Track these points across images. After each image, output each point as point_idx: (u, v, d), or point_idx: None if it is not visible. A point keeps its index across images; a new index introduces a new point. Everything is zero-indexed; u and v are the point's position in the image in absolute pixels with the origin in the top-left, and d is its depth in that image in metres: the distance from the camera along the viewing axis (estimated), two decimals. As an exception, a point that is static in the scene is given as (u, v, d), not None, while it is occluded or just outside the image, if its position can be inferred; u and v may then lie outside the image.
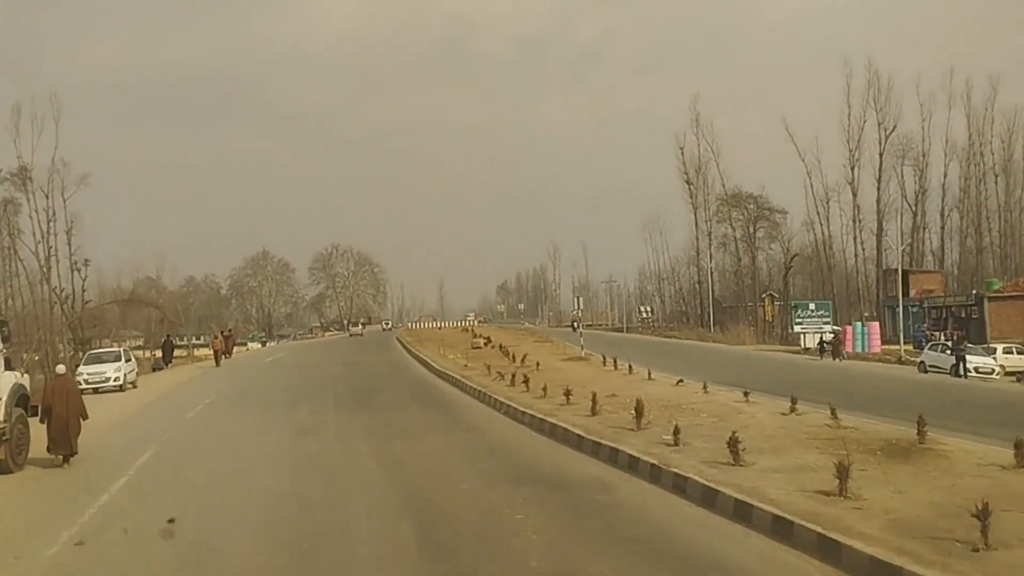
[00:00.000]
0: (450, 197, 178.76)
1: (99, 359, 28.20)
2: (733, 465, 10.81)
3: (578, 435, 14.43)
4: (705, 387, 19.86)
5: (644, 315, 69.42)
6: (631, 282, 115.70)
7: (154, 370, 35.94)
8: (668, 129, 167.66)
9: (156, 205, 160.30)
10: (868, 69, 75.41)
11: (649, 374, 23.55)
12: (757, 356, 41.23)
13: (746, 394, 17.99)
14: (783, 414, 15.75)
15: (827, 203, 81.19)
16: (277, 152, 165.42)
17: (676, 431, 12.75)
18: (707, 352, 44.86)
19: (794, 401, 16.12)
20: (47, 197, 61.44)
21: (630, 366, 25.53)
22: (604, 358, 29.29)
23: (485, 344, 42.23)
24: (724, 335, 70.30)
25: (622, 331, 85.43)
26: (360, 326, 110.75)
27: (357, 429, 16.70)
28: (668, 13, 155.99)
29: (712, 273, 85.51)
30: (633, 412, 14.83)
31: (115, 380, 26.76)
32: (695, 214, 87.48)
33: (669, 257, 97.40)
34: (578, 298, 36.65)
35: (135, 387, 27.90)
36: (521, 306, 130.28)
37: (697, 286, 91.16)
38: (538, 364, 27.98)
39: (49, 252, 61.71)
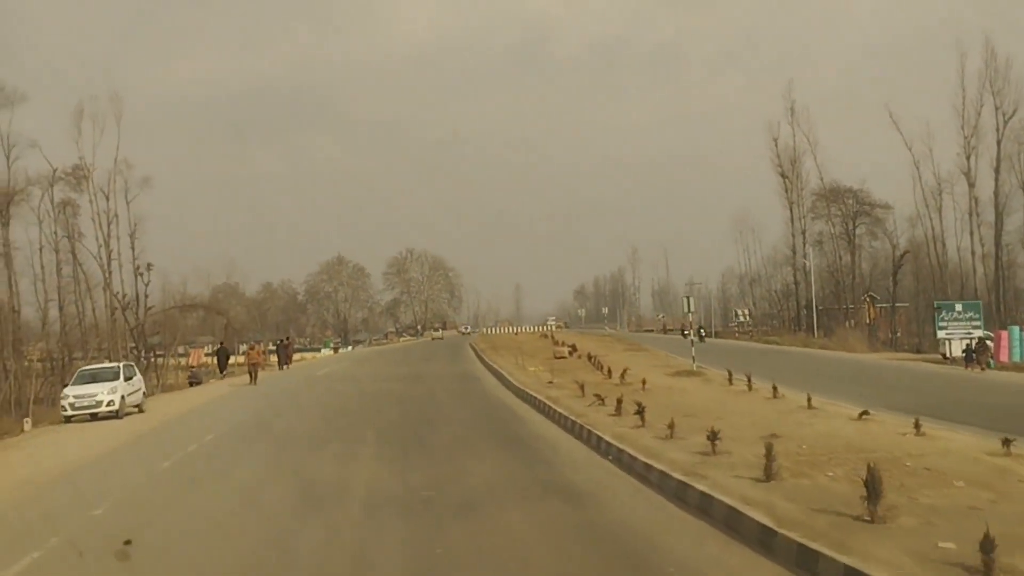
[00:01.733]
0: (525, 202, 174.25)
1: (92, 377, 22.24)
2: None
3: (771, 529, 8.00)
4: (917, 425, 12.99)
5: (741, 319, 62.21)
6: (713, 285, 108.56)
7: (190, 384, 30.76)
8: (751, 128, 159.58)
9: (235, 212, 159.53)
10: (985, 49, 66.36)
11: (809, 401, 16.70)
12: (897, 368, 33.60)
13: (1007, 443, 11.18)
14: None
15: (939, 195, 72.12)
16: (353, 159, 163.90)
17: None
18: (829, 363, 37.42)
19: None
20: (107, 199, 57.64)
21: (774, 388, 18.65)
22: (730, 375, 22.44)
23: (570, 353, 35.87)
24: (831, 341, 62.52)
25: (710, 336, 78.03)
26: (439, 330, 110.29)
27: (396, 494, 10.57)
28: (750, 9, 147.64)
29: (811, 273, 77.35)
30: (846, 479, 8.52)
31: (109, 404, 20.99)
32: (791, 209, 79.23)
33: (761, 256, 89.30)
34: (688, 298, 29.84)
35: (140, 411, 22.56)
36: (604, 310, 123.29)
37: (794, 287, 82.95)
38: (644, 383, 21.47)
39: (110, 256, 57.81)
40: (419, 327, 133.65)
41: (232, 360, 39.96)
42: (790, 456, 11.12)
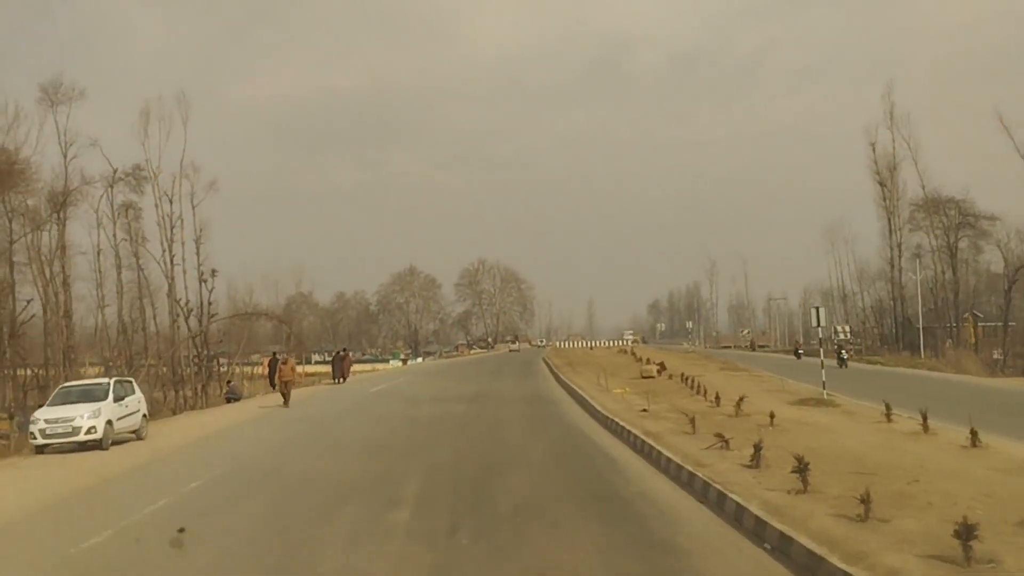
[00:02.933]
0: (600, 215, 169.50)
1: (74, 396, 17.45)
2: None
3: None
4: None
5: (842, 336, 56.01)
6: (794, 301, 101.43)
7: (227, 401, 26.74)
8: (836, 139, 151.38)
9: (310, 224, 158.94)
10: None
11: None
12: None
13: None
14: None
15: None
16: (430, 173, 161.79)
17: None
18: (968, 390, 31.04)
19: None
20: (171, 202, 54.80)
21: (973, 434, 13.05)
22: (888, 409, 16.75)
23: (659, 372, 30.61)
24: (940, 362, 55.54)
25: (801, 355, 71.23)
26: (516, 342, 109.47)
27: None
28: (832, 18, 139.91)
29: (917, 288, 70.18)
30: None
31: (89, 431, 16.24)
32: (889, 220, 72.12)
33: (853, 269, 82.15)
34: (817, 309, 24.08)
35: (139, 438, 18.12)
36: (689, 324, 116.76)
37: (890, 303, 75.55)
38: (772, 417, 16.17)
39: (173, 261, 54.91)
40: (490, 340, 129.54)
41: (300, 370, 36.12)
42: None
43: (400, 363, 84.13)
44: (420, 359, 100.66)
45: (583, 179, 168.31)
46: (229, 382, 30.43)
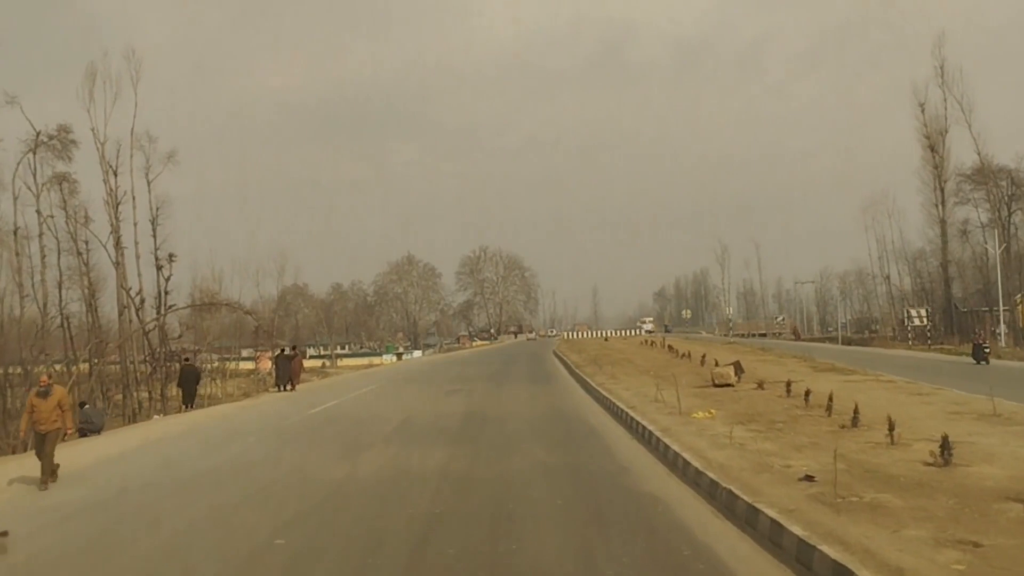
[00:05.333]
0: (604, 204, 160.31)
1: None
2: None
3: None
4: None
5: (917, 321, 46.48)
6: (807, 287, 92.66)
7: (81, 435, 16.38)
8: (839, 127, 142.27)
9: (311, 215, 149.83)
10: None
11: None
12: None
13: None
14: None
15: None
16: (432, 163, 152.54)
17: None
18: None
19: None
20: (115, 174, 44.78)
21: None
22: None
23: (737, 376, 20.62)
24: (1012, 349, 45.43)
25: (832, 342, 61.68)
26: (532, 332, 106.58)
27: None
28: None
29: (996, 261, 60.19)
30: None
31: None
32: (941, 190, 61.92)
33: (897, 245, 72.09)
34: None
35: None
36: (687, 312, 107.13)
37: (942, 284, 65.38)
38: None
39: (118, 241, 44.92)
40: (493, 331, 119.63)
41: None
42: None
43: (395, 359, 73.97)
44: (419, 352, 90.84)
45: (587, 169, 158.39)
46: (83, 405, 20.37)
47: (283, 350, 29.45)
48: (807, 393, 15.24)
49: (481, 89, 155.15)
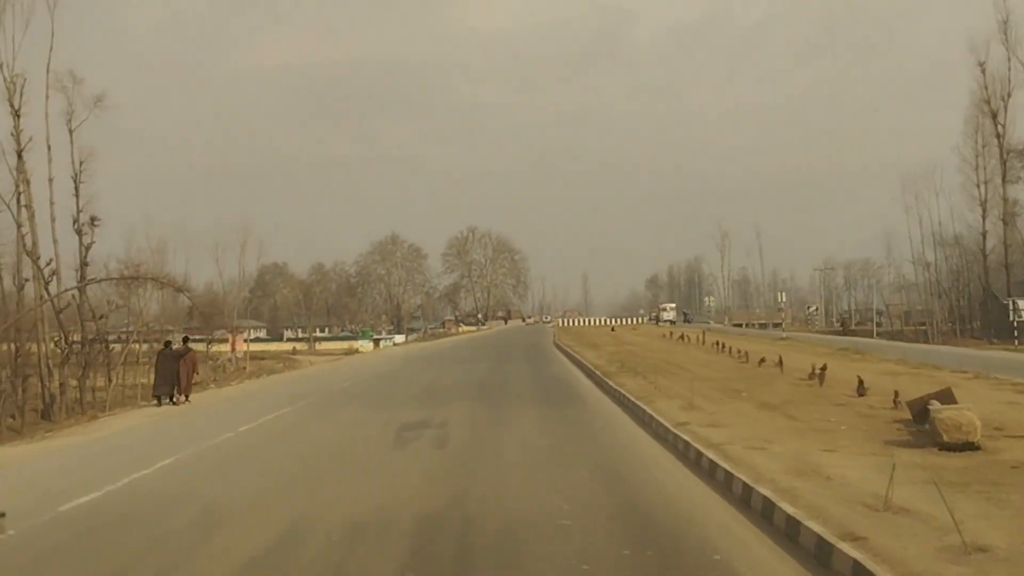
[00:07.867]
0: (597, 190, 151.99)
1: None
2: None
3: None
4: None
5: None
6: (802, 278, 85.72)
7: None
8: (835, 115, 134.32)
9: (292, 193, 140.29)
10: None
11: None
12: None
13: None
14: None
15: None
16: (425, 145, 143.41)
17: None
18: None
19: None
20: (18, 116, 34.70)
21: None
22: None
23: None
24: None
25: (847, 334, 52.97)
26: (531, 317, 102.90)
27: None
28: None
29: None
30: None
31: None
32: (1004, 163, 52.67)
33: (935, 227, 62.97)
34: None
35: None
36: (679, 307, 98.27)
37: (983, 274, 56.27)
38: None
39: (20, 200, 34.84)
40: (480, 315, 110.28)
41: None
42: None
43: (372, 346, 64.06)
44: (401, 337, 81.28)
45: (582, 154, 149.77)
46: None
47: (168, 343, 19.76)
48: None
49: (477, 74, 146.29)
